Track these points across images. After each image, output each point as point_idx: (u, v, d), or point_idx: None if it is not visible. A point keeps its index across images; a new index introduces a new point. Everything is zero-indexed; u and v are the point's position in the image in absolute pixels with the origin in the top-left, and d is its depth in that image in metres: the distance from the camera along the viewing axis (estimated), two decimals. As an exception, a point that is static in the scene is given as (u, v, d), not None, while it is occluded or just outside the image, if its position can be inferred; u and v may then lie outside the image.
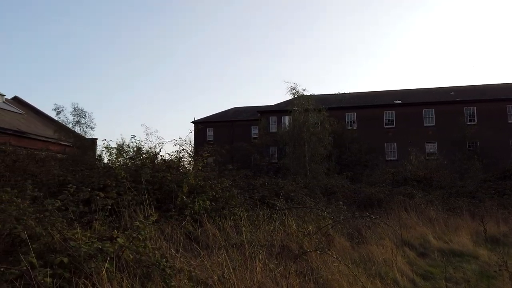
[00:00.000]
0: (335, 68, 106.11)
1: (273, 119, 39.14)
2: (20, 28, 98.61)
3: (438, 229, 11.60)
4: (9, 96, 32.62)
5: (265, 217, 8.62)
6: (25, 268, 3.31)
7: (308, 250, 6.51)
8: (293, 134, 25.13)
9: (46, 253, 3.82)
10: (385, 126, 38.19)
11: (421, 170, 23.76)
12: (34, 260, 3.49)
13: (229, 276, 4.95)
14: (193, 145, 15.40)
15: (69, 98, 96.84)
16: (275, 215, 8.63)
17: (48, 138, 24.53)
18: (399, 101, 38.70)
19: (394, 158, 36.28)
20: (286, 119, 32.57)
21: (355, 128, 37.94)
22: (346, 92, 43.01)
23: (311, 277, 5.94)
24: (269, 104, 42.15)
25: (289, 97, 28.18)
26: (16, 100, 33.47)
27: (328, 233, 8.37)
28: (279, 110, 38.35)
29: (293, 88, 26.26)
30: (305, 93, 26.12)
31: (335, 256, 6.31)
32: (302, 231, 7.94)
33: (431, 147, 36.68)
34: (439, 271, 7.40)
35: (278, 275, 5.60)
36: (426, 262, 8.39)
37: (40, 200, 5.69)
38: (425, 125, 37.46)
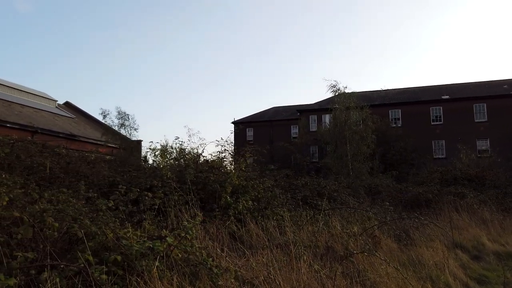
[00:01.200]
0: (377, 64, 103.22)
1: (313, 117, 38.65)
2: (69, 40, 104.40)
3: (493, 230, 10.98)
4: (61, 101, 34.81)
5: (308, 218, 8.54)
6: (82, 265, 3.48)
7: (354, 251, 6.36)
8: (334, 133, 24.63)
9: (101, 251, 4.00)
10: (432, 123, 36.53)
11: (473, 169, 22.53)
12: (91, 258, 3.66)
13: (275, 276, 4.94)
14: (233, 146, 15.57)
15: (114, 101, 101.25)
16: (318, 216, 8.53)
17: (96, 141, 25.81)
18: (447, 96, 36.92)
19: (442, 156, 34.67)
20: (327, 118, 32.02)
21: (399, 125, 36.62)
22: (389, 88, 41.70)
23: (358, 279, 5.81)
24: (309, 103, 41.75)
25: (329, 95, 27.75)
26: (68, 105, 35.60)
27: (374, 234, 8.15)
28: (319, 108, 37.83)
29: (334, 86, 25.79)
30: (346, 91, 25.60)
31: (382, 258, 6.13)
32: (347, 232, 7.80)
33: (483, 144, 34.66)
34: (496, 275, 7.01)
35: (324, 276, 5.52)
36: (481, 265, 7.97)
37: (92, 200, 5.98)
38: (476, 120, 35.46)
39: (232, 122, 45.06)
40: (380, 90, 41.42)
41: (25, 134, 20.97)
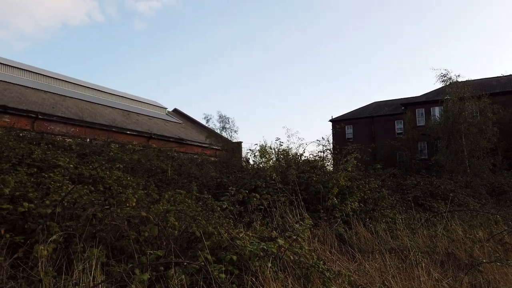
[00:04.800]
0: (495, 46, 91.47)
1: (420, 111, 35.61)
2: (176, 52, 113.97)
3: None
4: (170, 108, 38.17)
5: (423, 221, 7.88)
6: (203, 263, 3.66)
7: (482, 260, 5.64)
8: (446, 127, 22.42)
9: (217, 250, 4.18)
10: None
11: None
12: (209, 256, 3.84)
13: (391, 284, 4.61)
14: (331, 144, 15.23)
15: (216, 106, 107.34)
16: (435, 219, 7.83)
17: (201, 143, 27.61)
18: None
19: None
20: (437, 110, 29.32)
21: (527, 114, 31.71)
22: (512, 73, 36.43)
23: (487, 291, 5.14)
24: (414, 96, 38.79)
25: (439, 85, 25.41)
26: (176, 111, 38.87)
27: (505, 241, 7.17)
28: (427, 101, 34.78)
29: (444, 75, 23.45)
30: (459, 80, 23.08)
31: (520, 269, 5.32)
32: (470, 238, 7.03)
33: None
34: None
35: (447, 286, 5.00)
36: None
37: (203, 200, 6.32)
38: None
39: (330, 120, 44.16)
40: (500, 76, 36.40)
41: (142, 140, 23.44)
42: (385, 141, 33.52)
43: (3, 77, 22.58)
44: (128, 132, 23.89)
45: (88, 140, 14.38)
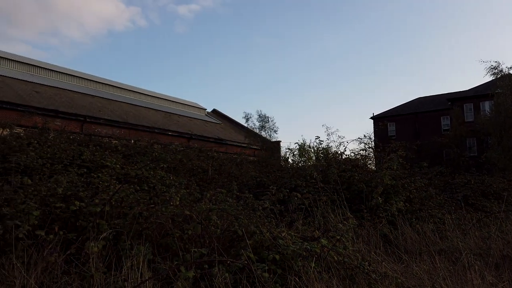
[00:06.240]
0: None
1: (468, 106, 33.71)
2: (216, 53, 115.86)
3: None
4: (209, 109, 38.80)
5: (474, 221, 7.47)
6: (246, 262, 3.67)
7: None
8: (498, 122, 21.15)
9: (259, 249, 4.17)
10: None
11: None
12: (252, 255, 3.84)
13: (442, 287, 4.40)
14: (373, 142, 14.82)
15: (255, 105, 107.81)
16: (487, 219, 7.39)
17: (240, 143, 27.82)
18: None
19: None
20: (486, 105, 27.64)
21: None
22: None
23: (550, 297, 4.78)
24: (461, 90, 36.86)
25: (488, 78, 24.03)
26: (215, 112, 39.47)
27: None
28: (475, 95, 32.88)
29: (495, 68, 22.16)
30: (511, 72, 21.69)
31: None
32: (527, 239, 6.57)
33: None
34: None
35: (503, 290, 4.70)
36: None
37: (244, 199, 6.35)
38: None
39: (371, 118, 42.98)
40: (560, 65, 33.78)
41: (183, 140, 24.02)
42: (431, 138, 32.05)
43: (54, 83, 23.97)
44: (169, 133, 24.58)
45: (132, 141, 14.90)
